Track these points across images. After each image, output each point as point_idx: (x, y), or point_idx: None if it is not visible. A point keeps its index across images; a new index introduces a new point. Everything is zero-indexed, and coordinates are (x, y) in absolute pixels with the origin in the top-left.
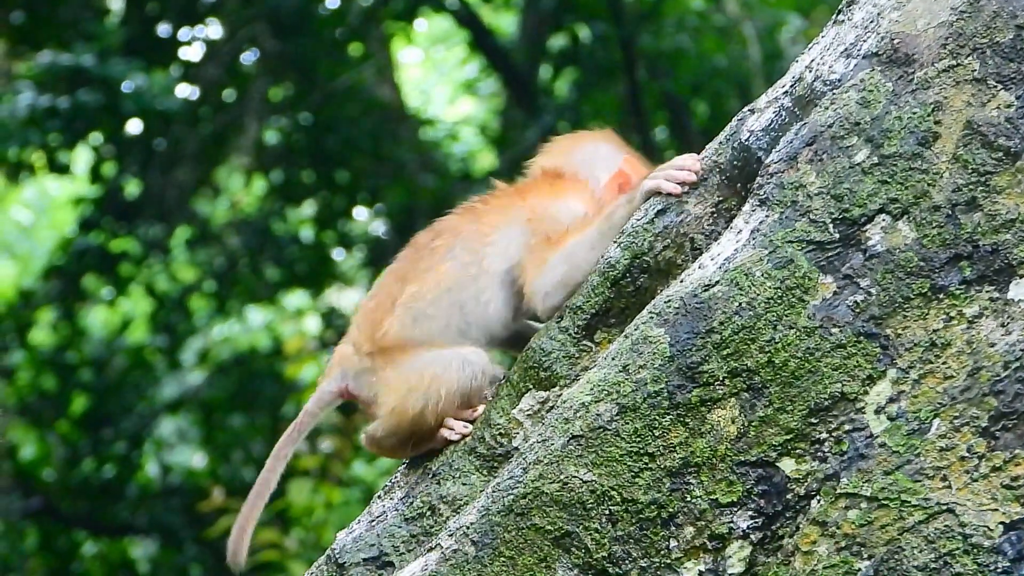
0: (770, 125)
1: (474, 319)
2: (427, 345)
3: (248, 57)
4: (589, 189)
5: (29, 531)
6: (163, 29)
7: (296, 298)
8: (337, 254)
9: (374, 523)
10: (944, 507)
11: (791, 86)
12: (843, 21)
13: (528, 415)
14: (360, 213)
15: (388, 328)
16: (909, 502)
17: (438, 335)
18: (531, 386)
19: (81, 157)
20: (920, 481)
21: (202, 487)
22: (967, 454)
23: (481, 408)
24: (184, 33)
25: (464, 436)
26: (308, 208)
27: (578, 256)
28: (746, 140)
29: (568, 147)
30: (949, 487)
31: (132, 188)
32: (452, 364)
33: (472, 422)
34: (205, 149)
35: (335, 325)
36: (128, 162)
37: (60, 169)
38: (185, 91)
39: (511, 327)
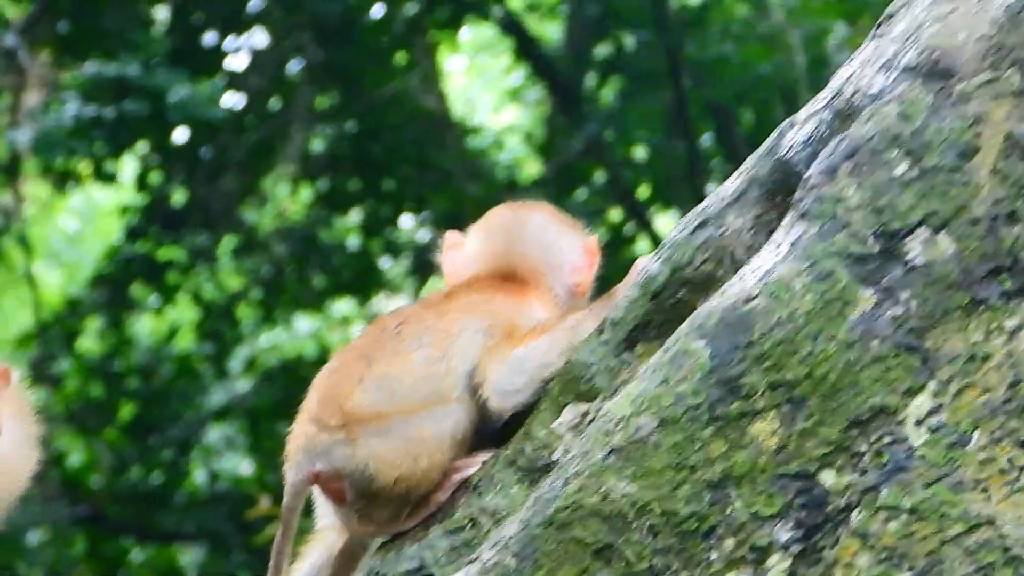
0: (810, 138)
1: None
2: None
3: (293, 66)
4: (551, 295)
5: (77, 538)
6: (208, 38)
7: (343, 306)
8: (383, 262)
9: (415, 536)
10: (984, 519)
11: (831, 99)
12: (883, 34)
13: (569, 428)
14: (406, 221)
15: (359, 399)
16: (949, 514)
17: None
18: (571, 399)
19: (127, 166)
20: (960, 493)
21: (249, 494)
22: (1007, 466)
23: (481, 456)
24: (229, 42)
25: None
26: (354, 216)
27: (549, 356)
28: (786, 153)
29: (514, 238)
30: (989, 499)
31: (178, 196)
32: (446, 417)
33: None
34: (251, 157)
35: None
36: (174, 171)
37: (106, 178)
38: (231, 100)
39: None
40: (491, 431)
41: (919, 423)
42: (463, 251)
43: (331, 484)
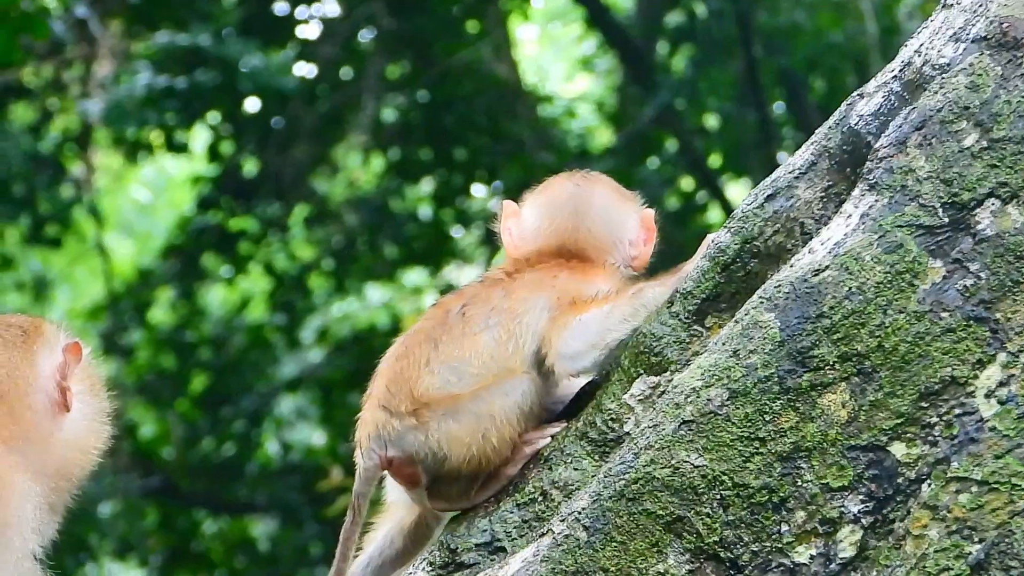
0: (879, 110)
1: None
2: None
3: (365, 35)
4: (615, 270)
5: (149, 510)
6: (280, 8)
7: (414, 275)
8: (455, 231)
9: (486, 509)
10: None
11: (900, 71)
12: (952, 5)
13: (639, 400)
14: (478, 190)
15: (428, 383)
16: (1020, 485)
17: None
18: (642, 371)
19: (199, 136)
20: None
21: (321, 465)
22: None
23: (551, 429)
24: (301, 11)
25: (537, 450)
26: (426, 185)
27: (612, 321)
28: (855, 125)
29: (577, 215)
30: None
31: (250, 166)
32: (513, 389)
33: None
34: (322, 127)
35: None
36: (246, 141)
37: (178, 148)
38: (302, 69)
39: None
40: (561, 407)
41: (989, 394)
42: (523, 222)
43: (404, 469)
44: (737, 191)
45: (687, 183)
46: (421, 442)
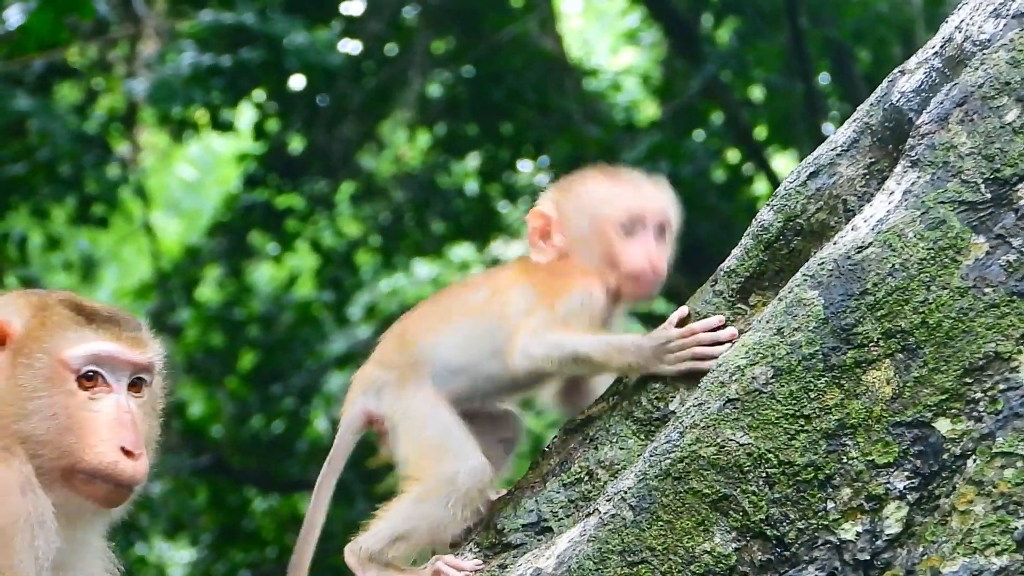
0: (921, 86)
1: (495, 358)
2: (448, 380)
3: (410, 11)
4: (600, 277)
5: (199, 488)
6: None
7: (462, 250)
8: (502, 207)
9: (533, 488)
10: None
11: (941, 47)
12: None
13: (684, 378)
14: (525, 165)
15: (418, 338)
16: None
17: (466, 351)
18: None
19: (245, 114)
20: None
21: (371, 442)
22: None
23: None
24: None
25: None
26: (473, 161)
27: (561, 354)
28: (897, 101)
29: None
30: None
31: (296, 144)
32: (460, 460)
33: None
34: (369, 104)
35: None
36: (292, 118)
37: (224, 126)
38: (348, 46)
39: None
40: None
41: None
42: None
43: (379, 426)
44: (783, 163)
45: (733, 155)
46: (392, 403)
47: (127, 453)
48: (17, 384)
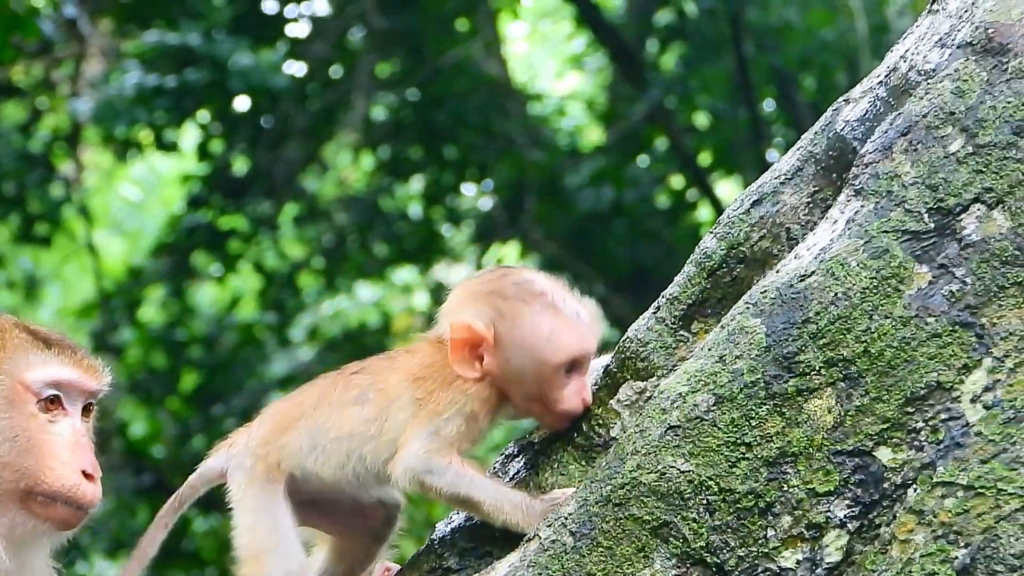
0: (865, 115)
1: (369, 474)
2: (313, 485)
3: (355, 33)
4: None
5: (140, 508)
6: (269, 6)
7: (405, 273)
8: (445, 230)
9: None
10: None
11: (886, 76)
12: (938, 11)
13: (626, 405)
14: (468, 189)
15: (287, 444)
16: (1005, 490)
17: (331, 473)
18: (628, 376)
19: (189, 134)
20: (1016, 469)
21: None
22: None
23: None
24: (291, 10)
25: None
26: (416, 184)
27: (447, 488)
28: (841, 130)
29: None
30: None
31: (240, 165)
32: (280, 554)
33: None
34: (313, 125)
35: (443, 300)
36: (236, 139)
37: (168, 147)
38: (292, 68)
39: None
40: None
41: (975, 399)
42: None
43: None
44: (727, 189)
45: (677, 181)
46: (237, 487)
47: (87, 476)
48: None
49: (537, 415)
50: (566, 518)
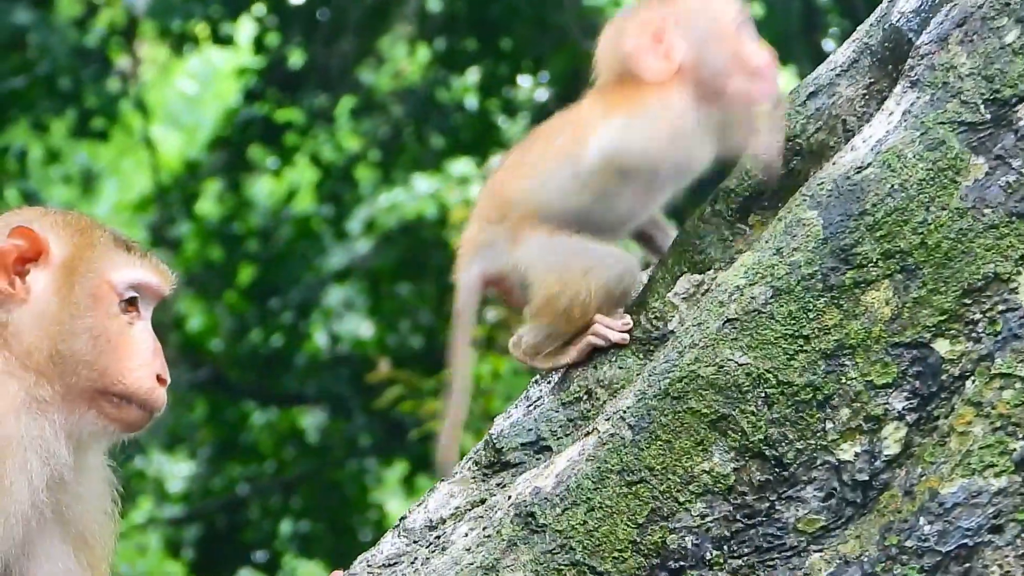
0: (920, 7)
1: (597, 193)
2: (558, 221)
3: None
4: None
5: (198, 402)
6: None
7: (461, 165)
8: (502, 122)
9: (531, 408)
10: None
11: None
12: None
13: (683, 298)
14: (524, 80)
15: (515, 189)
16: None
17: (561, 196)
18: (685, 269)
19: (244, 28)
20: None
21: (370, 357)
22: None
23: (629, 320)
24: None
25: (613, 344)
26: (472, 76)
27: (633, 146)
28: (897, 22)
29: (603, 53)
30: None
31: (296, 58)
32: (605, 259)
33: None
34: (368, 18)
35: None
36: (292, 32)
37: (224, 40)
38: None
39: (641, 205)
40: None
41: None
42: None
43: (499, 284)
44: (783, 80)
45: None
46: (510, 256)
47: (160, 380)
48: (66, 301)
49: (738, 95)
50: (624, 411)
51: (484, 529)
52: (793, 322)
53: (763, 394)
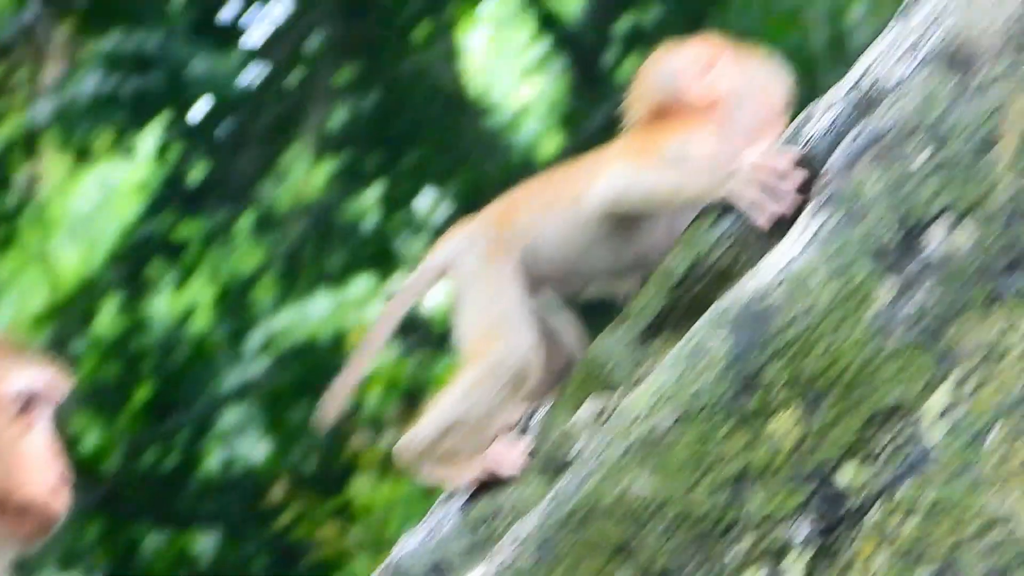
0: (831, 127)
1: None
2: (536, 262)
3: (314, 39)
4: (689, 119)
5: (91, 523)
6: (229, 11)
7: (361, 283)
8: (403, 238)
9: (433, 530)
10: (1000, 517)
11: (852, 88)
12: (905, 21)
13: (588, 423)
14: (426, 198)
15: (521, 214)
16: (966, 513)
17: (561, 243)
18: (591, 392)
19: (146, 141)
20: (977, 491)
21: (264, 479)
22: None
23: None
24: (250, 16)
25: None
26: (373, 192)
27: (635, 189)
28: (807, 143)
29: (642, 84)
30: (1005, 497)
31: (197, 173)
32: (517, 334)
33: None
34: (270, 133)
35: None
36: (193, 146)
37: (125, 154)
38: (250, 74)
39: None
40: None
41: (936, 420)
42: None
43: (452, 275)
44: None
45: None
46: (469, 269)
47: (59, 485)
48: None
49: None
50: (526, 537)
51: None
52: (697, 448)
53: (665, 521)
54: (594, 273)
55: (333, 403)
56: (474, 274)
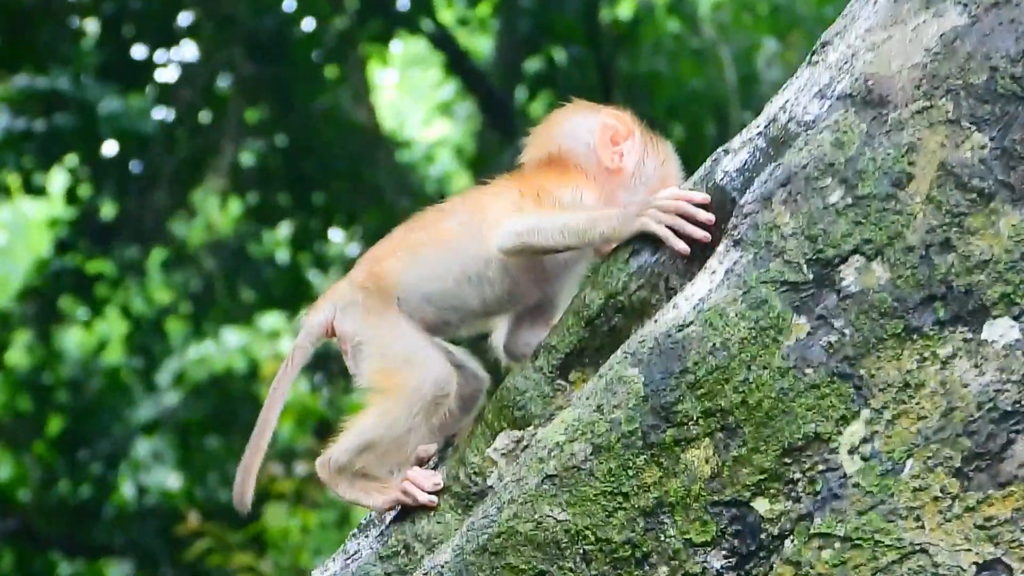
0: (744, 166)
1: (468, 276)
2: (419, 305)
3: (224, 80)
4: (585, 174)
5: (5, 553)
6: (139, 51)
7: (272, 319)
8: (313, 276)
9: (349, 561)
10: (918, 547)
11: (765, 127)
12: (817, 62)
13: (503, 454)
14: (336, 235)
15: (388, 265)
16: (883, 542)
17: (434, 286)
18: (505, 425)
19: (57, 179)
20: (894, 521)
21: (178, 509)
22: (940, 494)
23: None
24: (160, 55)
25: (420, 504)
26: (284, 230)
27: (546, 226)
28: (720, 180)
29: (548, 131)
30: (923, 527)
31: (108, 210)
32: (427, 361)
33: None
34: (181, 171)
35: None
36: (104, 184)
37: (36, 191)
38: (161, 113)
39: (507, 298)
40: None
41: (853, 451)
42: None
43: (340, 343)
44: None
45: None
46: (355, 321)
47: None
48: None
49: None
50: (442, 567)
51: None
52: (612, 479)
53: (581, 551)
54: (469, 313)
55: (244, 484)
56: (362, 329)
